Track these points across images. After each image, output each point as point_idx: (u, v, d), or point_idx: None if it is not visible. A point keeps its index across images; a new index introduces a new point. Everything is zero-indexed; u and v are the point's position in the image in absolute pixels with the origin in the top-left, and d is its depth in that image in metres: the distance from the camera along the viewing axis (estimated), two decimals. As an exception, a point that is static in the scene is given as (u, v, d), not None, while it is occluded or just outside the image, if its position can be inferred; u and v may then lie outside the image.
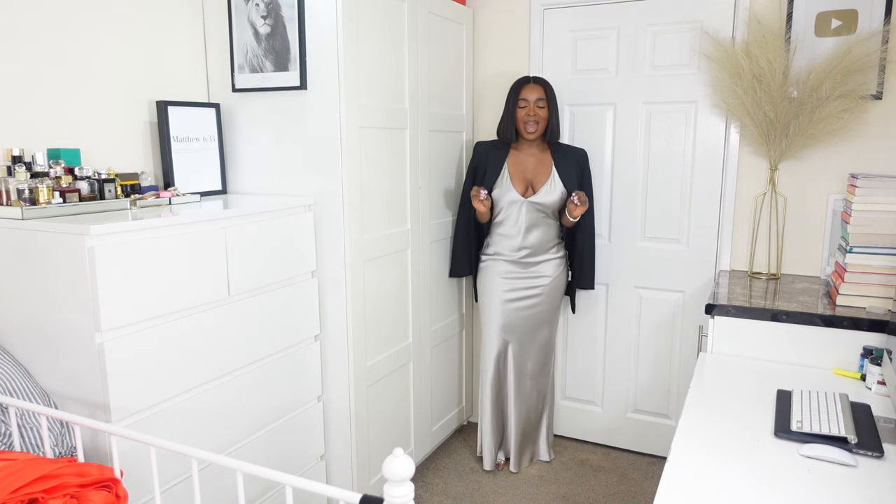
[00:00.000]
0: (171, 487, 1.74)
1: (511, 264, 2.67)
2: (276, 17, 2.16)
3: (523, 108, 2.59)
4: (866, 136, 2.42)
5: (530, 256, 2.66)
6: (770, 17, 2.48)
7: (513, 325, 2.68)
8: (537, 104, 2.57)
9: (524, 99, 2.58)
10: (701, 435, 1.49)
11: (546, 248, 2.67)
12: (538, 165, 2.65)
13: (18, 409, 1.48)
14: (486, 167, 2.67)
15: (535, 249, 2.65)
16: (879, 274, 2.03)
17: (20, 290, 1.63)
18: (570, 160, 2.65)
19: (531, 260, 2.66)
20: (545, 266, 2.67)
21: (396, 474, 0.97)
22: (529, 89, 2.58)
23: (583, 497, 2.63)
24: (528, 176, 2.65)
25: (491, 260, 2.72)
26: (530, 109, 2.57)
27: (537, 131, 2.59)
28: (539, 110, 2.57)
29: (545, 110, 2.59)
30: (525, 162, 2.66)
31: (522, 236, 2.64)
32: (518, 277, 2.67)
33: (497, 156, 2.67)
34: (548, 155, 2.66)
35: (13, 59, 1.79)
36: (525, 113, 2.58)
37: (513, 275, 2.67)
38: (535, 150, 2.67)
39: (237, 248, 1.91)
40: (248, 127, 2.31)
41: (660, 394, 2.92)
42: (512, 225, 2.65)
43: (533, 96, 2.57)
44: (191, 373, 1.78)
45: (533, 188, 2.64)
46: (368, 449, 2.44)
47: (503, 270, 2.68)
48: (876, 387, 1.76)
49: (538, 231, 2.64)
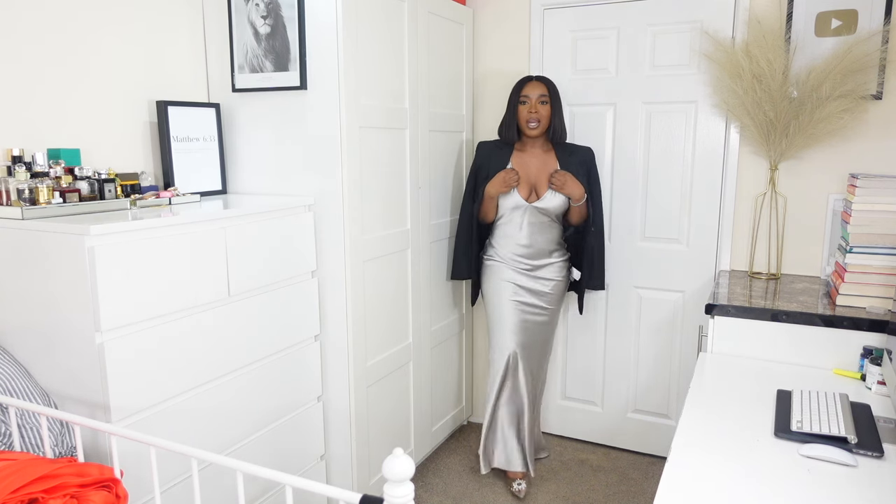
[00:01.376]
0: (171, 487, 1.74)
1: (517, 273, 2.62)
2: (276, 17, 2.16)
3: (525, 104, 2.53)
4: (866, 136, 2.42)
5: (534, 259, 2.61)
6: (770, 17, 2.48)
7: (522, 328, 2.62)
8: (539, 100, 2.51)
9: (526, 96, 2.52)
10: (701, 435, 1.49)
11: (549, 251, 2.63)
12: (542, 167, 2.58)
13: (18, 409, 1.48)
14: (490, 169, 2.61)
15: (539, 252, 2.61)
16: (879, 274, 2.03)
17: (20, 290, 1.63)
18: (576, 160, 2.59)
19: (535, 263, 2.61)
20: (549, 269, 2.63)
21: (396, 474, 0.97)
22: (532, 86, 2.53)
23: (583, 497, 2.63)
24: (532, 179, 2.58)
25: (494, 262, 2.67)
26: (532, 106, 2.51)
27: (539, 128, 2.52)
28: (541, 107, 2.51)
29: (547, 107, 2.53)
30: (529, 164, 2.60)
31: (526, 239, 2.59)
32: (524, 284, 2.61)
33: (500, 157, 2.61)
34: (552, 156, 2.60)
35: (13, 59, 1.79)
36: (527, 110, 2.52)
37: (519, 281, 2.61)
38: (539, 150, 2.60)
39: (237, 248, 1.91)
40: (248, 127, 2.31)
41: (660, 394, 2.92)
42: (515, 228, 2.60)
43: (535, 93, 2.51)
44: (191, 373, 1.78)
45: (537, 192, 2.57)
46: (368, 449, 2.44)
47: (508, 277, 2.63)
48: (876, 387, 1.76)
49: (542, 234, 2.60)
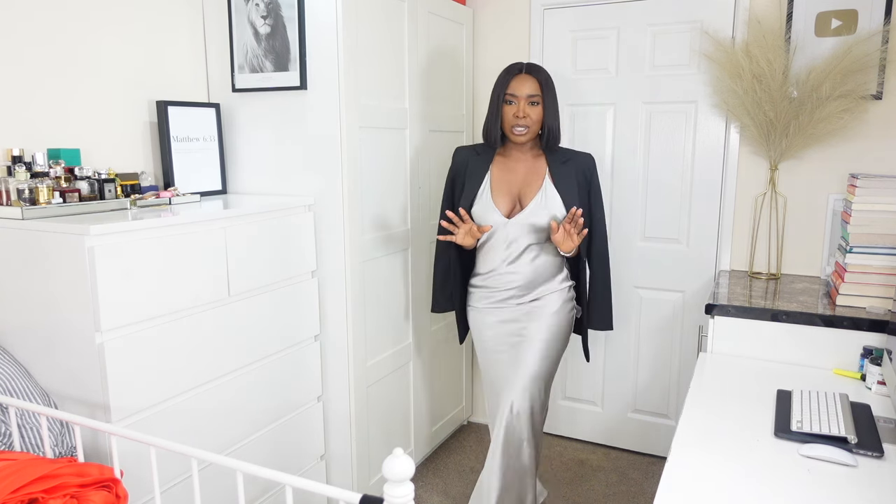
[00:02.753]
0: (171, 487, 1.74)
1: (506, 309, 2.14)
2: (276, 17, 2.16)
3: (511, 105, 2.05)
4: (866, 136, 2.42)
5: (526, 290, 2.12)
6: (770, 17, 2.48)
7: (512, 385, 2.11)
8: (529, 101, 2.03)
9: (513, 95, 2.04)
10: (701, 435, 1.49)
11: (544, 279, 2.12)
12: (529, 175, 2.11)
13: (18, 409, 1.48)
14: (466, 178, 2.15)
15: (532, 281, 2.11)
16: (879, 274, 2.03)
17: (20, 290, 1.63)
18: (571, 168, 2.10)
19: (528, 294, 2.12)
20: (547, 301, 2.12)
21: (396, 474, 0.97)
22: (520, 81, 2.03)
23: (583, 497, 2.63)
24: (516, 189, 2.11)
25: (480, 294, 2.19)
26: (520, 108, 2.02)
27: (528, 134, 2.05)
28: (531, 110, 2.03)
29: (539, 108, 2.04)
30: (513, 171, 2.12)
31: (514, 264, 2.10)
32: (513, 327, 2.13)
33: (478, 164, 2.15)
34: (542, 162, 2.12)
35: (14, 60, 1.79)
36: (513, 113, 2.04)
37: (506, 326, 2.14)
38: (526, 155, 2.13)
39: (237, 248, 1.91)
40: (248, 127, 2.31)
41: (660, 394, 2.92)
42: (500, 250, 2.11)
43: (524, 91, 2.02)
44: (191, 373, 1.78)
45: (521, 204, 2.09)
46: (368, 449, 2.44)
47: (495, 319, 2.15)
48: (876, 387, 1.76)
49: (532, 258, 2.09)
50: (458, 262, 2.22)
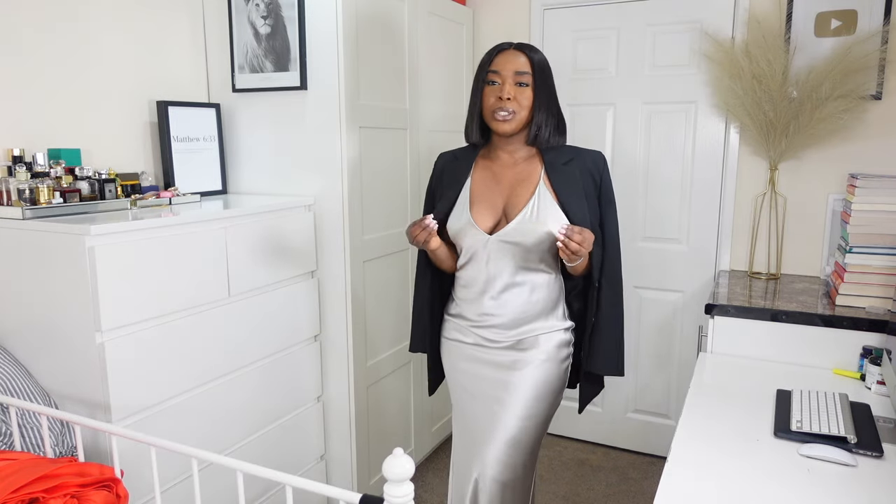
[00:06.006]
0: (172, 487, 1.74)
1: (482, 348, 1.67)
2: (277, 17, 2.16)
3: (493, 85, 1.59)
4: (866, 136, 2.42)
5: (509, 328, 1.64)
6: (770, 17, 2.48)
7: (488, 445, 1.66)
8: (517, 79, 1.56)
9: (495, 72, 1.57)
10: (701, 435, 1.49)
11: (534, 315, 1.64)
12: (519, 180, 1.63)
13: (19, 408, 1.49)
14: (443, 187, 1.71)
15: (517, 319, 1.63)
16: (879, 274, 2.03)
17: (20, 290, 1.63)
18: (575, 170, 1.62)
19: (510, 334, 1.64)
20: (533, 344, 1.64)
21: (396, 474, 0.97)
22: (506, 57, 1.58)
23: (583, 497, 2.63)
24: (503, 198, 1.63)
25: (454, 322, 1.74)
26: (504, 88, 1.56)
27: (514, 122, 1.57)
28: (518, 91, 1.56)
29: (528, 91, 1.57)
30: (499, 176, 1.65)
31: (495, 294, 1.63)
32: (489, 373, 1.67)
33: (457, 170, 1.70)
34: (536, 163, 1.64)
35: (14, 60, 1.79)
36: (494, 94, 1.57)
37: (482, 370, 1.68)
38: (515, 155, 1.66)
39: (237, 248, 1.91)
40: (249, 127, 2.31)
41: (660, 394, 2.92)
42: (478, 276, 1.64)
43: (509, 68, 1.56)
44: (191, 373, 1.78)
45: (507, 218, 1.62)
46: (368, 449, 2.44)
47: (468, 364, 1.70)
48: (875, 387, 1.76)
49: (518, 286, 1.62)
50: (437, 293, 1.78)
